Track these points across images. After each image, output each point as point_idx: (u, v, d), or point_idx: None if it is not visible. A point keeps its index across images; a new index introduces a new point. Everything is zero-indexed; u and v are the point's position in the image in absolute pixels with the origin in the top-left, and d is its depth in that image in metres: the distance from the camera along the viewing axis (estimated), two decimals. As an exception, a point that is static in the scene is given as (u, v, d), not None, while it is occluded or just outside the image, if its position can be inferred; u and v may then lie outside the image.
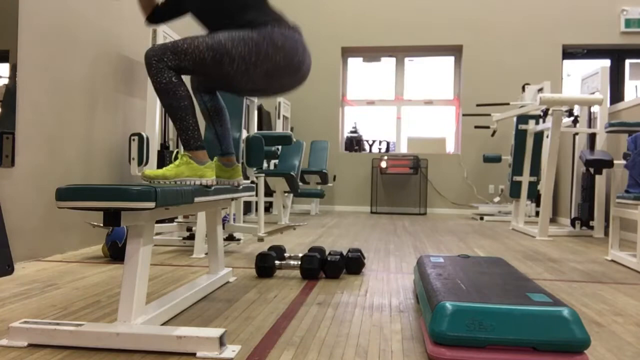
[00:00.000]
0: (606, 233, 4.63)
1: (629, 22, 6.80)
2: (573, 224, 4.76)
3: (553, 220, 6.18)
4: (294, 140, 3.98)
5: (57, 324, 1.44)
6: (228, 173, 2.01)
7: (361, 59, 7.66)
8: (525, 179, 5.12)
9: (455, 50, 7.37)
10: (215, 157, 2.02)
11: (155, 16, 2.02)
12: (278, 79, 1.83)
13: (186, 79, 1.90)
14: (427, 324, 1.41)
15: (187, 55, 1.73)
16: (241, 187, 2.10)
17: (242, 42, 1.74)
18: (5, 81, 2.60)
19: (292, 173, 4.88)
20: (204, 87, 1.97)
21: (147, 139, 3.05)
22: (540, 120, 5.04)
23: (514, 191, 5.20)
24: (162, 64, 1.72)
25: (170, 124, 3.83)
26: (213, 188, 1.81)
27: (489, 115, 6.27)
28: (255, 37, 1.75)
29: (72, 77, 3.10)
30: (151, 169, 1.79)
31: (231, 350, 1.39)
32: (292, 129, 7.20)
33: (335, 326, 1.65)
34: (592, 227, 4.69)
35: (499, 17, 7.08)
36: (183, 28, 4.61)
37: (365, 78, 7.69)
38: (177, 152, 1.90)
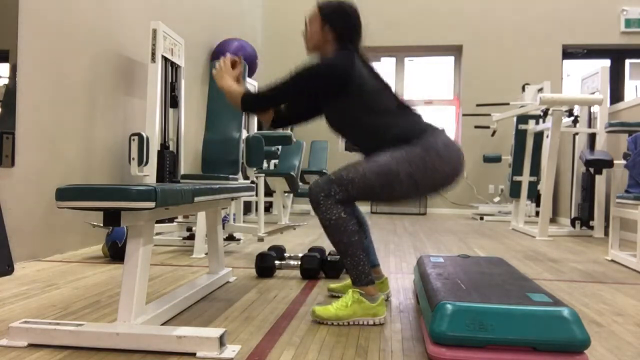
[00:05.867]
0: (606, 233, 4.63)
1: (629, 22, 6.80)
2: (573, 224, 4.76)
3: (553, 220, 6.18)
4: (294, 140, 3.98)
5: (57, 324, 1.44)
6: (377, 287, 1.84)
7: (361, 59, 7.65)
8: (525, 179, 5.12)
9: (455, 50, 7.37)
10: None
11: (277, 123, 1.94)
12: (441, 186, 1.72)
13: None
14: (427, 324, 1.41)
15: (354, 185, 1.64)
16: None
17: (407, 160, 1.65)
18: (5, 81, 2.60)
19: (292, 173, 4.88)
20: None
21: (147, 139, 3.05)
22: (540, 120, 5.04)
23: (514, 191, 5.20)
24: (331, 200, 1.64)
25: (170, 124, 3.83)
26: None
27: (489, 115, 6.27)
28: (420, 152, 1.65)
29: (72, 77, 3.10)
30: (320, 306, 1.69)
31: (231, 350, 1.39)
32: (292, 129, 7.20)
33: (336, 326, 1.65)
34: (592, 227, 4.69)
35: (499, 17, 7.08)
36: (182, 25, 4.62)
37: (365, 78, 7.67)
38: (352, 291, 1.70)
